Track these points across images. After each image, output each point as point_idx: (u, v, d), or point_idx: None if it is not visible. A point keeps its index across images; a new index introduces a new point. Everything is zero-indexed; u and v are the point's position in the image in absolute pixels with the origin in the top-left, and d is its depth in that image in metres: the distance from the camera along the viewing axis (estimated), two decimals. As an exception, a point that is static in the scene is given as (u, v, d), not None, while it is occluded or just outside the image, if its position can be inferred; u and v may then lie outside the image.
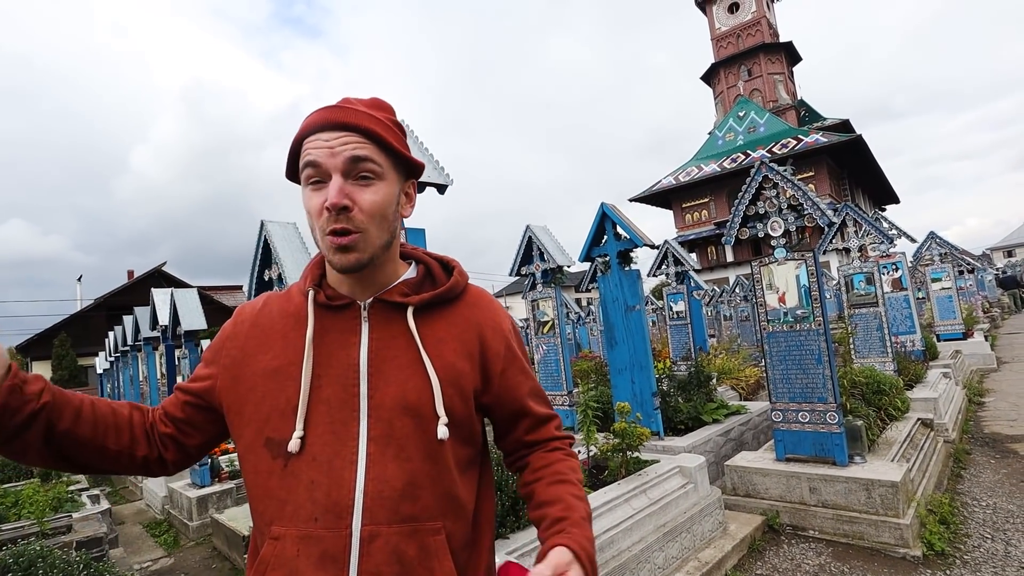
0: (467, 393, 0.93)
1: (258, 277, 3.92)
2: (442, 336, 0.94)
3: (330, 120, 0.84)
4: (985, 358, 9.74)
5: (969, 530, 3.42)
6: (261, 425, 0.89)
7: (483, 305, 1.02)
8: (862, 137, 27.66)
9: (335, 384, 0.88)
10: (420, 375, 0.89)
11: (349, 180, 0.85)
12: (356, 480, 0.83)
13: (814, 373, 3.76)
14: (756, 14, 34.53)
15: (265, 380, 0.90)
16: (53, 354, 27.54)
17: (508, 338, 1.01)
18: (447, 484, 0.89)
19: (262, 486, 0.88)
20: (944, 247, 11.59)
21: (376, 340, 0.91)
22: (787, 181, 3.97)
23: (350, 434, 0.86)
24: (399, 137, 0.91)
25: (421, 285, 0.97)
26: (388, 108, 0.94)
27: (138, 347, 8.30)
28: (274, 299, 1.00)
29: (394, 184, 0.90)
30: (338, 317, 0.93)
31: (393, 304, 0.93)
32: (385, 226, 0.89)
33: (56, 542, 3.63)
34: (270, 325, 0.95)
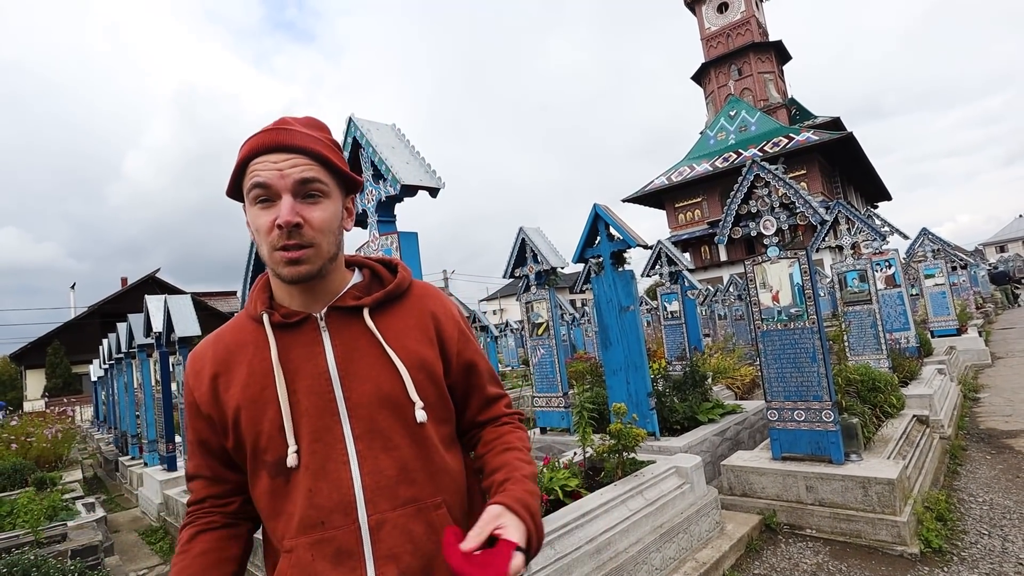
0: (436, 375, 0.99)
1: (252, 282, 3.90)
2: (400, 328, 0.99)
3: (278, 143, 0.88)
4: (979, 354, 9.79)
5: (966, 527, 3.43)
6: (253, 452, 0.93)
7: (431, 295, 1.08)
8: (853, 135, 27.83)
9: (310, 395, 0.92)
10: (389, 368, 0.95)
11: (298, 199, 0.89)
12: (352, 477, 0.89)
13: (809, 371, 3.77)
14: (745, 13, 34.71)
15: (244, 411, 0.93)
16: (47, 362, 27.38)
17: (459, 322, 1.08)
18: (437, 462, 0.96)
19: (271, 506, 0.93)
20: (937, 243, 11.66)
21: (340, 345, 0.95)
22: (779, 179, 3.98)
23: (336, 437, 0.90)
24: (340, 157, 0.97)
25: (370, 287, 1.03)
26: (325, 128, 0.99)
27: (132, 354, 8.24)
28: (226, 332, 1.03)
29: (338, 201, 0.96)
30: (298, 332, 0.96)
31: (348, 309, 0.98)
32: (332, 240, 0.94)
33: (51, 551, 3.60)
34: (231, 359, 0.98)
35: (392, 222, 2.79)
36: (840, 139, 27.79)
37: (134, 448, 8.33)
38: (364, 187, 1.03)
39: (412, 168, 2.55)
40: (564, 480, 3.13)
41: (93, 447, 13.06)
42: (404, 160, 2.57)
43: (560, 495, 3.01)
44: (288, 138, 0.89)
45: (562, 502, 2.97)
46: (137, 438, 8.21)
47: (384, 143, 2.62)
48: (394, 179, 2.49)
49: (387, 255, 1.12)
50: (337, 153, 0.96)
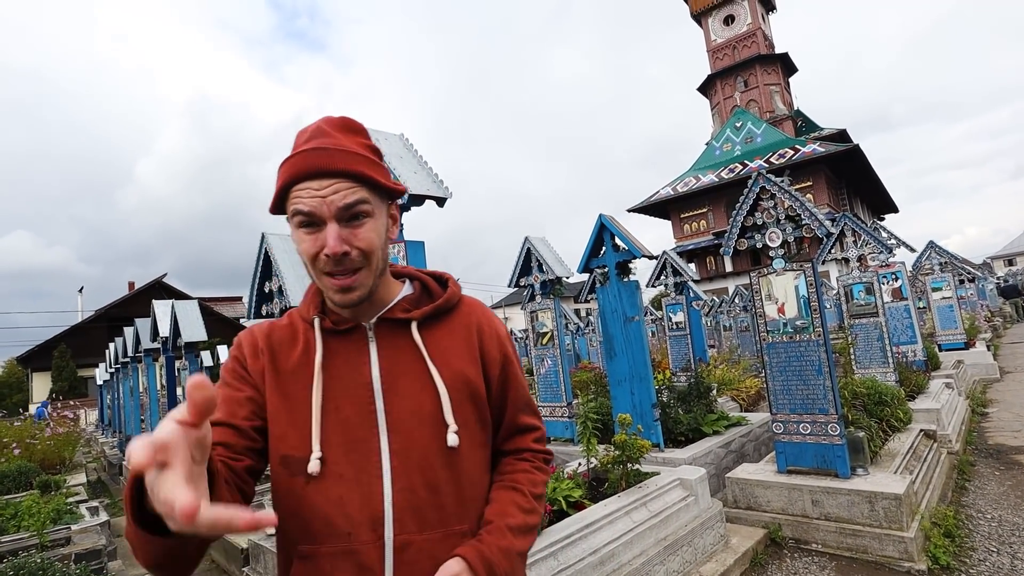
0: (478, 396, 0.97)
1: (258, 289, 3.93)
2: (446, 345, 0.97)
3: (318, 168, 0.85)
4: (988, 368, 9.70)
5: (974, 543, 3.39)
6: (277, 443, 0.92)
7: (479, 313, 1.05)
8: (859, 147, 27.81)
9: (351, 404, 0.91)
10: (432, 386, 0.93)
11: (343, 224, 0.87)
12: (384, 492, 0.87)
13: (815, 384, 3.75)
14: (751, 26, 34.88)
15: (281, 403, 0.93)
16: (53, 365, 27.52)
17: (504, 344, 1.05)
18: (469, 488, 0.94)
19: (285, 505, 0.91)
20: (944, 256, 11.59)
21: (386, 358, 0.94)
22: (784, 191, 3.98)
23: (372, 449, 0.89)
24: (380, 167, 0.93)
25: (420, 300, 1.01)
26: (363, 131, 0.95)
27: (138, 358, 8.29)
28: (278, 327, 1.02)
29: (383, 215, 0.93)
30: (345, 340, 0.96)
31: (397, 321, 0.97)
32: (382, 256, 0.93)
33: (55, 554, 3.61)
34: (281, 351, 0.98)
35: (399, 231, 2.81)
36: (846, 151, 27.77)
37: (138, 453, 8.33)
38: (404, 191, 0.99)
39: (420, 178, 2.58)
40: (568, 491, 3.12)
41: (97, 451, 13.09)
42: (412, 170, 2.60)
43: (564, 505, 3.00)
44: (328, 162, 0.86)
45: (566, 513, 2.96)
46: (141, 443, 8.22)
47: (392, 153, 2.65)
48: (402, 188, 2.52)
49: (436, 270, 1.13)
50: (376, 164, 0.92)
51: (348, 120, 0.94)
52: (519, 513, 0.96)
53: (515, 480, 1.01)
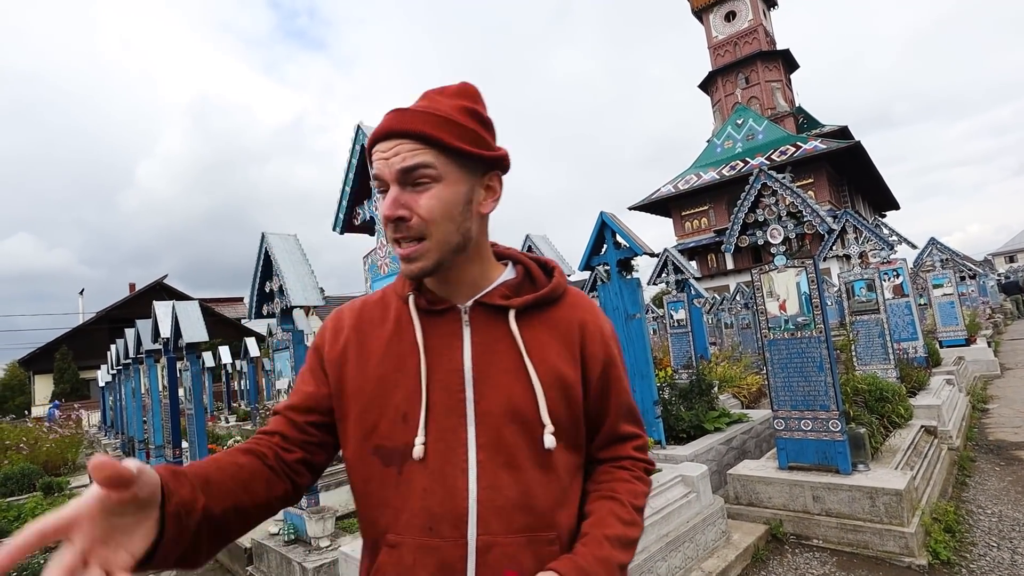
0: (574, 397, 0.90)
1: (259, 289, 3.94)
2: (544, 340, 0.90)
3: (387, 129, 0.82)
4: (988, 364, 9.70)
5: (975, 538, 3.39)
6: (368, 433, 0.88)
7: (584, 308, 0.97)
8: (861, 143, 27.76)
9: (440, 390, 0.86)
10: (524, 381, 0.86)
11: (406, 188, 0.82)
12: (468, 488, 0.82)
13: (816, 381, 3.76)
14: (753, 22, 34.82)
15: (370, 387, 0.89)
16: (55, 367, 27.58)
17: (608, 344, 0.96)
18: (558, 493, 0.87)
19: (376, 495, 0.87)
20: (945, 253, 11.59)
21: (479, 344, 0.88)
22: (786, 188, 3.98)
23: (459, 441, 0.84)
24: (466, 132, 0.84)
25: (521, 287, 0.94)
26: (467, 94, 0.88)
27: (140, 360, 8.30)
28: (370, 304, 0.98)
29: (459, 183, 0.85)
30: (439, 321, 0.90)
31: (494, 307, 0.90)
32: (451, 228, 0.84)
33: (57, 556, 3.62)
34: (370, 330, 0.94)
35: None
36: (848, 148, 27.72)
37: (141, 453, 8.37)
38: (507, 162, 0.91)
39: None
40: (569, 488, 3.12)
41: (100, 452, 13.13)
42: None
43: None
44: (397, 123, 0.82)
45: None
46: (144, 443, 8.25)
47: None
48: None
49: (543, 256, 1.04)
50: (461, 127, 0.84)
51: (464, 85, 0.89)
52: (618, 524, 0.87)
53: (613, 490, 0.92)
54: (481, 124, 0.88)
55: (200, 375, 5.76)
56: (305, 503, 3.57)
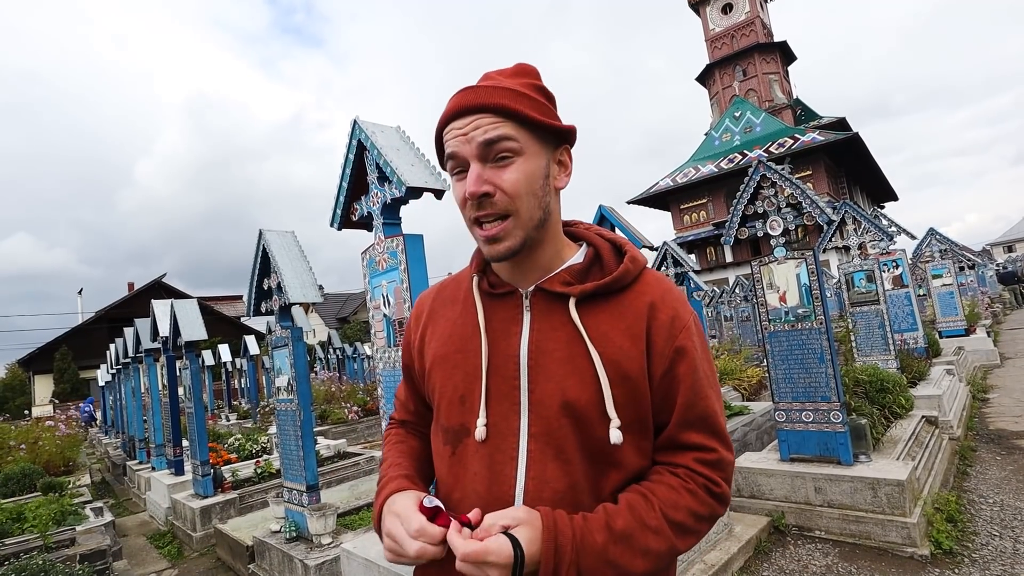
0: (639, 392, 0.83)
1: (257, 286, 3.92)
2: (606, 330, 0.84)
3: (462, 105, 0.81)
4: (988, 354, 9.72)
5: (977, 528, 3.39)
6: (436, 411, 0.93)
7: (656, 293, 0.87)
8: (859, 135, 27.70)
9: (496, 375, 0.85)
10: (580, 372, 0.82)
11: (488, 164, 0.80)
12: (516, 477, 0.80)
13: (817, 372, 3.75)
14: (750, 14, 34.66)
15: (437, 367, 0.92)
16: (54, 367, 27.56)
17: (678, 335, 0.85)
18: (609, 492, 0.82)
19: (438, 471, 0.92)
20: (944, 243, 11.58)
21: (537, 332, 0.85)
22: (785, 180, 3.96)
23: (511, 429, 0.83)
24: (539, 105, 0.83)
25: (587, 272, 0.88)
26: (531, 72, 0.87)
27: (139, 359, 8.29)
28: (447, 284, 1.01)
29: (538, 156, 0.83)
30: (501, 305, 0.89)
31: (555, 294, 0.86)
32: (534, 203, 0.82)
33: (59, 556, 3.62)
34: (441, 311, 0.96)
35: (398, 224, 2.80)
36: (846, 139, 27.67)
37: (142, 452, 8.37)
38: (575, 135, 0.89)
39: (417, 170, 2.56)
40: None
41: (101, 452, 13.13)
42: (409, 162, 2.58)
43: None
44: (473, 98, 0.80)
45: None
46: (145, 442, 8.25)
47: (389, 145, 2.63)
48: (399, 181, 2.50)
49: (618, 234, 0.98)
50: (534, 101, 0.82)
51: (521, 65, 0.89)
52: (631, 520, 0.77)
53: (650, 489, 0.81)
54: (548, 99, 0.87)
55: (199, 373, 5.75)
56: (306, 500, 3.56)
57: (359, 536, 3.28)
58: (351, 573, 2.76)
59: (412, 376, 1.03)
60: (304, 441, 3.59)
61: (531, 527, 0.72)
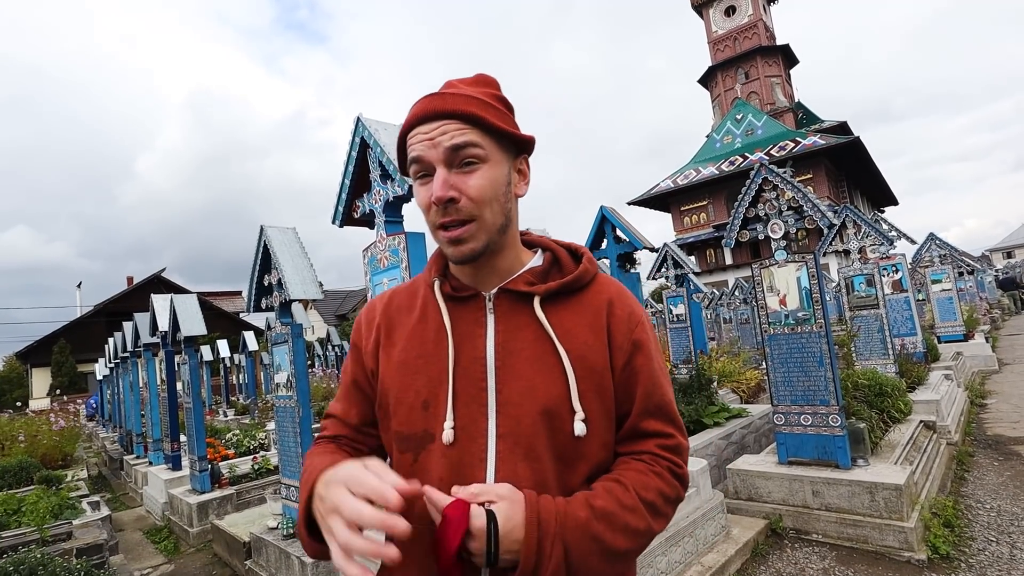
0: (605, 387, 0.86)
1: (258, 282, 3.92)
2: (569, 327, 0.87)
3: (428, 111, 0.82)
4: (986, 360, 9.73)
5: (974, 533, 3.40)
6: (391, 420, 0.90)
7: (612, 293, 0.93)
8: (860, 139, 27.73)
9: (462, 379, 0.85)
10: (548, 369, 0.84)
11: (453, 169, 0.81)
12: (486, 479, 0.80)
13: (816, 376, 3.75)
14: (753, 17, 34.66)
15: (394, 374, 0.90)
16: (52, 360, 27.53)
17: (635, 330, 0.90)
18: (576, 487, 0.83)
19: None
20: (944, 248, 11.60)
21: (502, 332, 0.87)
22: (787, 183, 3.96)
23: (479, 431, 0.83)
24: (502, 114, 0.86)
25: (548, 274, 0.92)
26: (492, 83, 0.90)
27: (138, 353, 8.28)
28: (400, 292, 1.00)
29: (502, 164, 0.85)
30: (464, 308, 0.90)
31: (518, 294, 0.89)
32: (497, 209, 0.85)
33: (56, 549, 3.61)
34: (397, 318, 0.95)
35: (400, 222, 2.80)
36: (847, 143, 27.68)
37: (139, 447, 8.36)
38: (534, 145, 0.92)
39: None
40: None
41: (98, 446, 13.12)
42: (412, 161, 2.57)
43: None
44: (440, 103, 0.82)
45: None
46: (142, 437, 8.24)
47: (392, 143, 2.63)
48: (402, 179, 2.50)
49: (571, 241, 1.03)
50: (498, 111, 0.85)
51: (482, 75, 0.90)
52: (610, 499, 0.80)
53: (620, 475, 0.85)
54: (509, 109, 0.90)
55: (198, 368, 5.74)
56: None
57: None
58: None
59: (359, 387, 0.97)
60: (302, 438, 3.58)
61: (512, 502, 0.74)
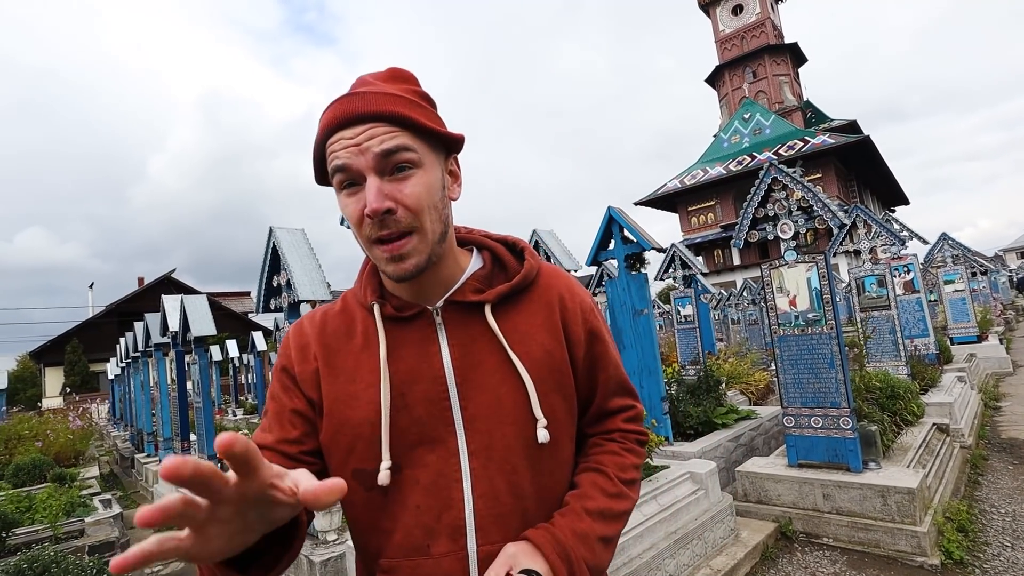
0: (566, 384, 0.86)
1: (267, 283, 3.94)
2: (525, 330, 0.85)
3: (350, 113, 0.74)
4: (1000, 362, 9.60)
5: (988, 538, 3.35)
6: (345, 456, 0.82)
7: (560, 285, 0.91)
8: (870, 138, 27.49)
9: (423, 402, 0.81)
10: (511, 376, 0.81)
11: (385, 177, 0.75)
12: (464, 499, 0.78)
13: (827, 377, 3.72)
14: (760, 15, 34.47)
15: (342, 408, 0.82)
16: (65, 360, 27.85)
17: (589, 319, 0.91)
18: (554, 488, 0.84)
19: (363, 520, 0.83)
20: (956, 248, 11.46)
21: (457, 347, 0.83)
22: (797, 182, 3.93)
23: (449, 451, 0.80)
24: (429, 113, 0.80)
25: (492, 276, 0.88)
26: (410, 78, 0.82)
27: (149, 353, 8.35)
28: (331, 315, 0.91)
29: (435, 167, 0.80)
30: (410, 328, 0.84)
31: (467, 304, 0.84)
32: (436, 217, 0.79)
33: (69, 546, 3.65)
34: (336, 345, 0.87)
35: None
36: (857, 142, 27.46)
37: (150, 446, 8.43)
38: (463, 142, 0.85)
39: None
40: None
41: (110, 444, 13.25)
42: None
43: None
44: (362, 105, 0.74)
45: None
46: (153, 436, 8.31)
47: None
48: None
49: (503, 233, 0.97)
50: (424, 109, 0.79)
51: (395, 69, 0.83)
52: (601, 496, 0.83)
53: (599, 462, 0.88)
54: (433, 106, 0.83)
55: (208, 368, 5.78)
56: (313, 497, 3.57)
57: (365, 534, 3.29)
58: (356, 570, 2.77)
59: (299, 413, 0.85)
60: (311, 438, 3.60)
61: (528, 550, 0.75)
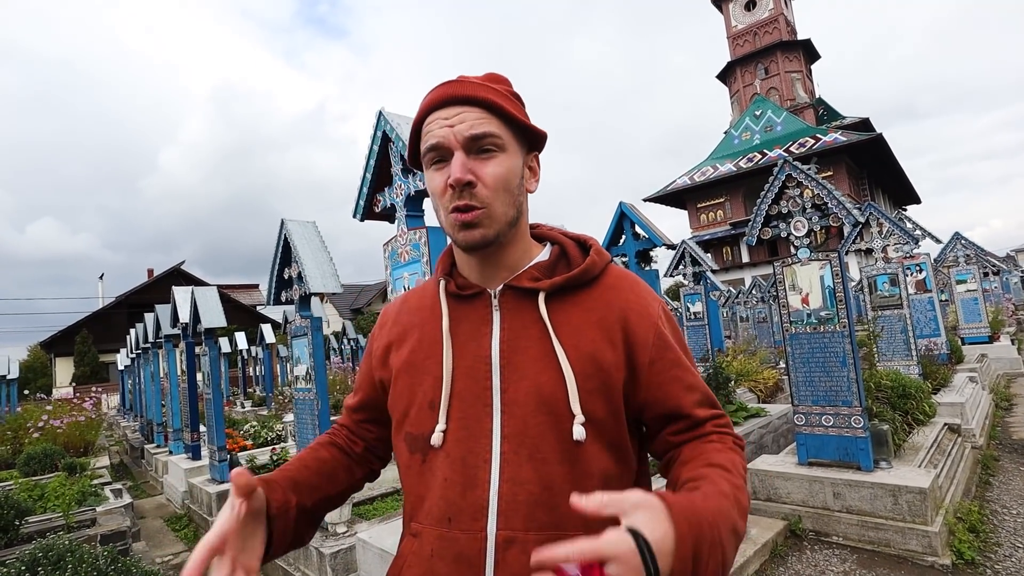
0: (612, 386, 0.82)
1: (278, 275, 3.95)
2: (578, 324, 0.84)
3: (447, 96, 0.82)
4: (1012, 362, 9.52)
5: (1000, 539, 3.33)
6: (400, 420, 0.90)
7: (626, 287, 0.90)
8: (882, 136, 27.24)
9: (466, 378, 0.84)
10: (555, 367, 0.81)
11: (471, 155, 0.81)
12: (490, 480, 0.79)
13: (838, 376, 3.69)
14: (773, 11, 34.16)
15: (403, 375, 0.90)
16: (75, 350, 28.11)
17: (658, 324, 0.87)
18: (591, 489, 0.75)
19: (406, 482, 0.90)
20: (969, 248, 11.33)
21: (507, 330, 0.85)
22: (811, 179, 3.89)
23: (483, 431, 0.81)
24: (520, 107, 0.87)
25: (554, 268, 0.90)
26: (505, 80, 0.90)
27: (159, 344, 8.41)
28: (412, 294, 1.01)
29: (517, 156, 0.86)
30: (469, 307, 0.89)
31: (524, 290, 0.87)
32: (510, 200, 0.84)
33: (81, 535, 3.69)
34: (408, 320, 0.95)
35: (421, 216, 2.80)
36: (869, 140, 27.21)
37: (159, 436, 8.50)
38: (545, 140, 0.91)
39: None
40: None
41: (120, 434, 13.38)
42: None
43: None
44: (460, 89, 0.82)
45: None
46: (162, 426, 8.38)
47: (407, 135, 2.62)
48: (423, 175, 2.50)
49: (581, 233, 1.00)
50: (516, 104, 0.86)
51: (492, 73, 0.90)
52: (727, 484, 0.74)
53: (710, 459, 0.79)
54: (522, 104, 0.90)
55: (218, 360, 5.82)
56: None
57: (374, 526, 3.31)
58: (366, 562, 2.78)
59: (371, 385, 0.99)
60: (321, 429, 3.61)
61: (653, 505, 0.62)
